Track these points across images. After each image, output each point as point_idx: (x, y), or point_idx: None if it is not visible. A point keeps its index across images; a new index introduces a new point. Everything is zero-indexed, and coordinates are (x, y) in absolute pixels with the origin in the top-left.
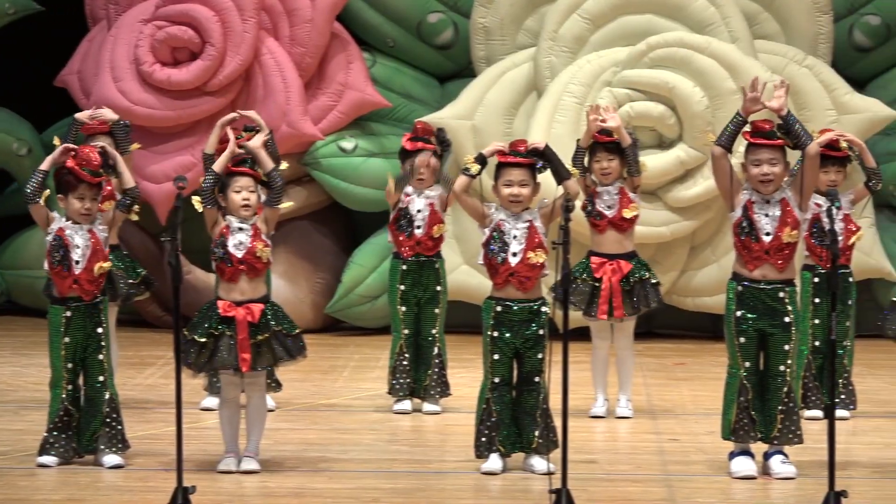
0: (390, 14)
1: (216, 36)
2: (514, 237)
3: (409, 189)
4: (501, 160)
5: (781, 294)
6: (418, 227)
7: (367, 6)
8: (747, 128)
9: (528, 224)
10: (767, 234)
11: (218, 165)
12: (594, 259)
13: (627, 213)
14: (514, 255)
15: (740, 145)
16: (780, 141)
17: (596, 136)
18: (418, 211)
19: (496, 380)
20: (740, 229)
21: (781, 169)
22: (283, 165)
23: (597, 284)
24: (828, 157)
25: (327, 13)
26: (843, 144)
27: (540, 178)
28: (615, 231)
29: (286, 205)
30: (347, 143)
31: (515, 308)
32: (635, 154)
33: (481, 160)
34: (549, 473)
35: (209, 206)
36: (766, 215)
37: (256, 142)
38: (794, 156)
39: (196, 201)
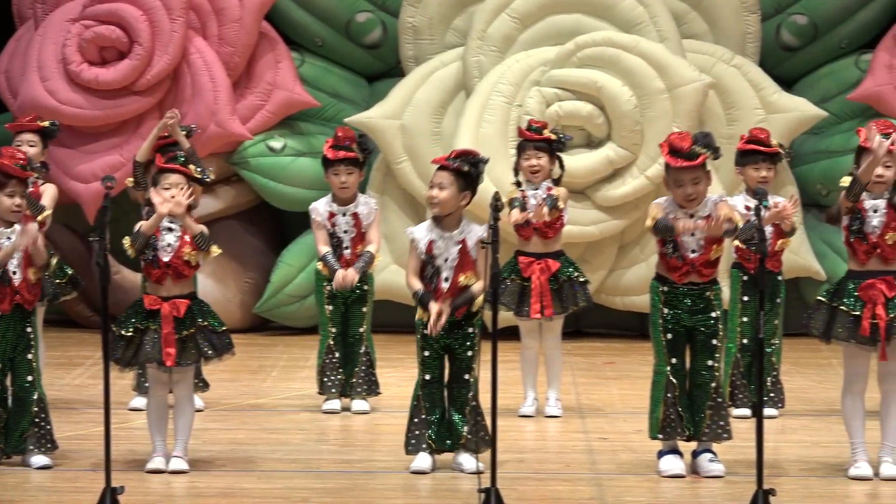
0: (319, 13)
1: (144, 35)
2: (446, 260)
3: (333, 207)
4: (435, 162)
5: (707, 293)
6: (346, 248)
7: (295, 6)
8: (664, 141)
9: (460, 246)
10: (693, 251)
11: (148, 227)
12: (522, 259)
13: (549, 216)
14: (446, 279)
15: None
16: (701, 158)
17: (525, 133)
18: (345, 232)
19: (427, 377)
20: (664, 247)
21: (704, 185)
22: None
23: (526, 284)
24: (759, 153)
25: (255, 12)
26: (774, 141)
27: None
28: (539, 238)
29: (211, 254)
30: (276, 143)
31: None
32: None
33: (423, 303)
34: (478, 472)
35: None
36: (692, 235)
37: (180, 209)
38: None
39: (127, 245)
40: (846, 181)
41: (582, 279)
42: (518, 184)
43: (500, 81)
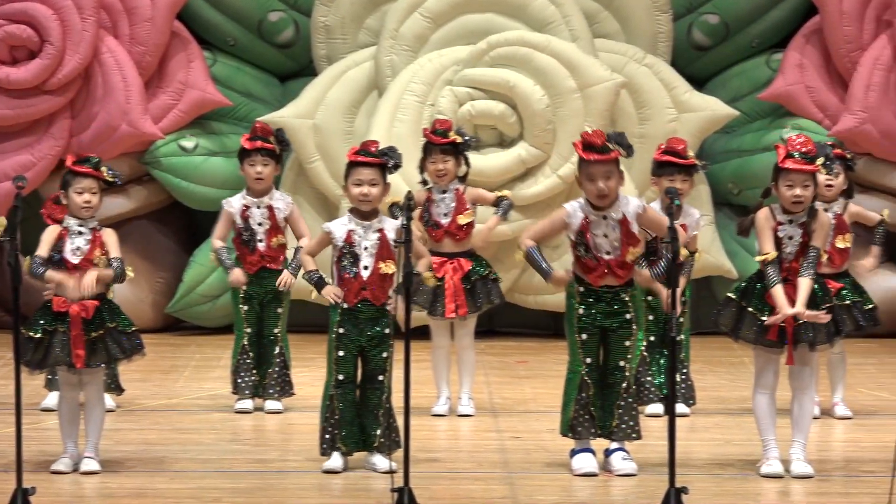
0: (231, 13)
1: (55, 34)
2: (365, 248)
3: (248, 200)
4: (351, 159)
5: (623, 295)
6: (260, 241)
7: (207, 5)
8: (577, 139)
9: (379, 234)
10: (608, 252)
11: (48, 277)
12: (434, 258)
13: (463, 220)
14: (366, 267)
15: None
16: (614, 153)
17: (430, 136)
18: (259, 224)
19: (340, 377)
20: (577, 249)
21: (616, 182)
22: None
23: (439, 283)
24: (674, 165)
25: (167, 12)
26: (690, 153)
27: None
28: (451, 240)
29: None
30: (188, 142)
31: (363, 308)
32: None
33: (316, 283)
34: (391, 472)
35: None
36: (605, 236)
37: (90, 279)
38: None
39: (25, 264)
40: (762, 258)
41: (493, 276)
42: (424, 182)
43: (413, 81)
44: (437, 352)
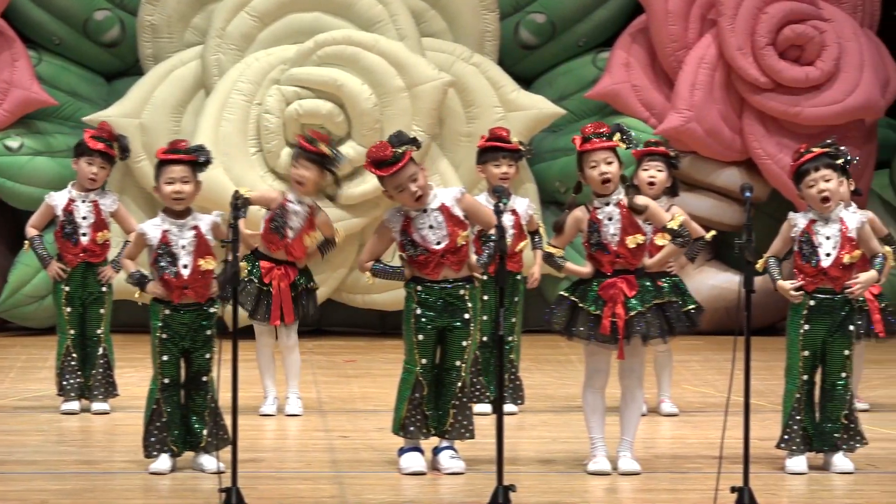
0: (56, 11)
1: None
2: (183, 247)
3: (73, 194)
4: (162, 158)
5: (462, 291)
6: (84, 235)
7: (32, 4)
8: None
9: (194, 231)
10: (438, 242)
11: None
12: (263, 263)
13: (308, 242)
14: (185, 266)
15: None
16: (406, 156)
17: (301, 141)
18: (83, 218)
19: (166, 380)
20: (406, 250)
21: (423, 177)
22: None
23: (264, 289)
24: (499, 150)
25: None
26: (514, 139)
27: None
28: (286, 253)
29: None
30: (13, 142)
31: (185, 313)
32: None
33: (138, 282)
34: (219, 472)
35: None
36: (431, 227)
37: None
38: None
39: None
40: (548, 247)
41: (311, 287)
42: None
43: (240, 80)
44: (261, 351)
